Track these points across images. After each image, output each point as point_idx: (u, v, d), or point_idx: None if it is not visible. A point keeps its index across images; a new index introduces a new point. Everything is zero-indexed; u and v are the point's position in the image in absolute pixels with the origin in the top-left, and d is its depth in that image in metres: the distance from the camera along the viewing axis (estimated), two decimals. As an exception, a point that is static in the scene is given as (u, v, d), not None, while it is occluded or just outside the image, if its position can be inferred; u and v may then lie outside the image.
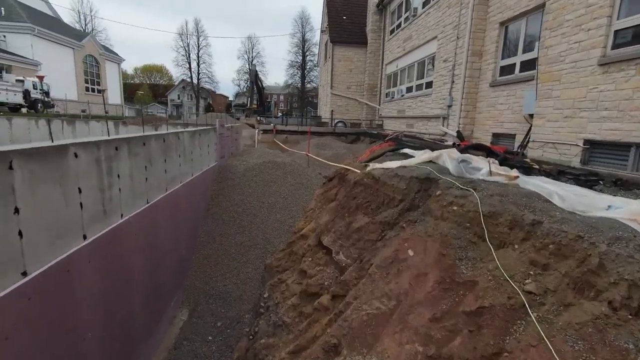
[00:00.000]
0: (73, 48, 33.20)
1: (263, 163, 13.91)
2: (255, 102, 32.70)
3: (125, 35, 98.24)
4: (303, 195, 12.37)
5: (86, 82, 35.60)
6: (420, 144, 8.29)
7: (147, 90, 69.81)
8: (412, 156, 6.03)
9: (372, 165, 5.79)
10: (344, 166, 7.08)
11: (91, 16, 52.13)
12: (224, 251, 10.45)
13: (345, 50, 20.25)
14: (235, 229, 11.12)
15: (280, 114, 43.90)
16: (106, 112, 41.22)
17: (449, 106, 10.51)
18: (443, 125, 10.95)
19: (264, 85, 33.32)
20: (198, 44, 61.55)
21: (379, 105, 19.08)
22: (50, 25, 30.93)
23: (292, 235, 7.30)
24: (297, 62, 57.15)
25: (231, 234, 10.96)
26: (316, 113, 34.76)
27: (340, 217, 5.26)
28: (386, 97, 18.16)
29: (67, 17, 50.92)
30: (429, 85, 12.45)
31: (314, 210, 6.97)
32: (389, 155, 7.13)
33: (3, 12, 27.88)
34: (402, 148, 7.47)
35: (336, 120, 19.95)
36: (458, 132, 9.71)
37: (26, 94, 23.55)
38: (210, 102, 71.04)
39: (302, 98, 55.47)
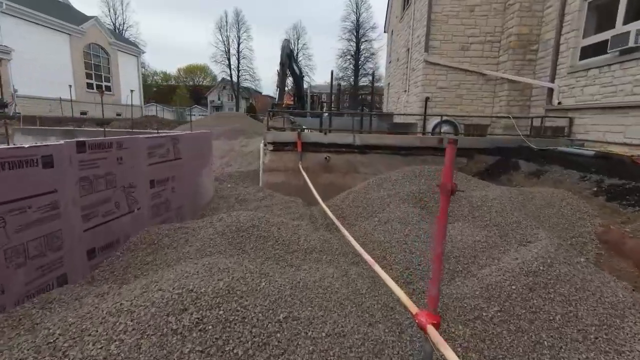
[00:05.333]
0: (69, 34, 26.38)
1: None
2: (291, 95, 22.93)
3: (171, 37, 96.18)
4: None
5: (89, 77, 28.82)
6: None
7: (185, 91, 64.64)
8: None
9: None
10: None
11: (122, 9, 47.06)
12: None
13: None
14: None
15: (325, 112, 33.70)
16: (118, 115, 34.75)
17: None
18: None
19: (302, 71, 23.36)
20: (238, 36, 54.34)
21: (553, 82, 7.92)
22: (36, 3, 24.20)
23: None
24: (349, 50, 46.86)
25: None
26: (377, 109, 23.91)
27: None
28: (583, 57, 7.05)
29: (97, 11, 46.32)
30: None
31: None
32: None
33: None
34: None
35: (435, 122, 9.14)
36: None
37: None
38: (253, 102, 63.85)
39: (354, 94, 44.92)
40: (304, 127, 10.22)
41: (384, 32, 17.87)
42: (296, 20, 65.63)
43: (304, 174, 7.43)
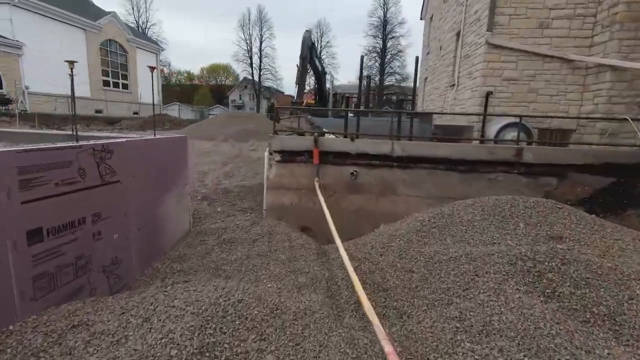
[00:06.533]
0: (85, 29, 25.54)
1: None
2: (312, 94, 21.01)
3: (196, 36, 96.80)
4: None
5: (105, 74, 27.97)
6: None
7: (207, 90, 64.18)
8: None
9: None
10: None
11: (146, 7, 46.73)
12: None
13: None
14: None
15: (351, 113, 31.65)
16: (135, 113, 33.89)
17: None
18: None
19: (324, 67, 21.24)
20: (261, 34, 53.09)
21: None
22: (52, -3, 23.35)
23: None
24: (375, 47, 44.33)
25: None
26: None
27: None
28: None
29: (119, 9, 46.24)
30: None
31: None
32: None
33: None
34: None
35: (500, 124, 6.72)
36: None
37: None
38: (275, 102, 62.49)
39: (380, 93, 42.31)
40: (324, 130, 8.08)
41: (420, 19, 15.42)
42: (320, 16, 63.49)
43: (320, 197, 5.28)
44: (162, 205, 3.89)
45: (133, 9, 45.85)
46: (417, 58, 7.20)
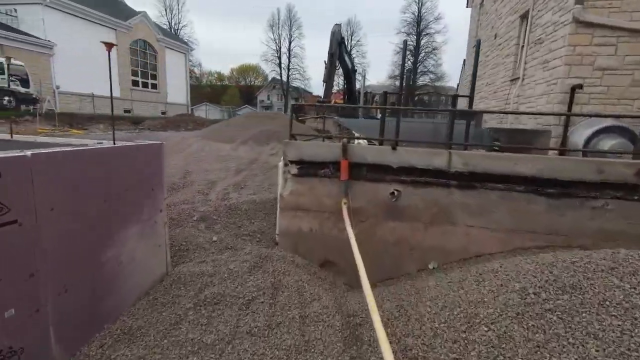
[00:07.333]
0: (115, 29, 25.60)
1: None
2: (341, 93, 19.73)
3: (228, 37, 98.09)
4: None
5: (134, 74, 28.01)
6: None
7: (236, 91, 64.44)
8: None
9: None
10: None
11: (178, 9, 47.29)
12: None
13: None
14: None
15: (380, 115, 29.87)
16: (163, 113, 33.95)
17: None
18: None
19: (354, 64, 19.71)
20: (290, 34, 52.38)
21: None
22: (83, -3, 23.47)
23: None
24: (408, 45, 42.06)
25: None
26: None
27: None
28: None
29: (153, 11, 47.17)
30: None
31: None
32: None
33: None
34: None
35: (594, 128, 4.96)
36: None
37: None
38: (303, 102, 61.57)
39: (412, 94, 40.05)
40: (355, 134, 6.65)
41: (467, 6, 13.54)
42: (350, 14, 61.85)
43: (348, 224, 3.88)
44: (114, 246, 2.61)
45: (166, 10, 46.55)
46: (478, 42, 5.56)
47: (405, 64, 6.71)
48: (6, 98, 15.62)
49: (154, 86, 30.38)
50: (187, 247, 3.83)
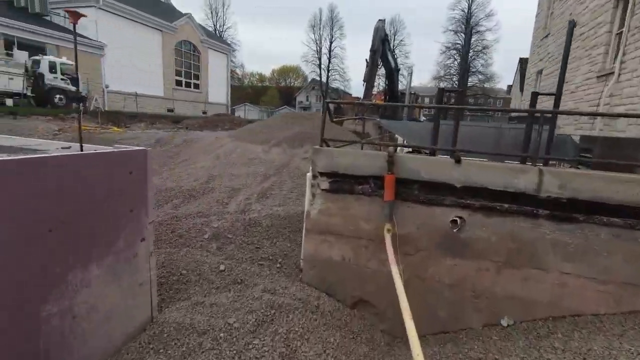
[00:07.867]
0: (161, 30, 26.38)
1: None
2: (382, 94, 18.80)
3: (270, 39, 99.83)
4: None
5: (178, 74, 28.75)
6: None
7: (276, 92, 65.07)
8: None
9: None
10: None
11: (223, 11, 48.52)
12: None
13: None
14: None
15: (423, 118, 28.05)
16: (204, 113, 34.65)
17: None
18: None
19: (397, 63, 18.41)
20: (331, 34, 51.84)
21: None
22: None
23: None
24: (455, 44, 39.72)
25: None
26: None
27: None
28: None
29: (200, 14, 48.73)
30: None
31: None
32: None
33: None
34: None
35: None
36: None
37: (39, 79, 15.99)
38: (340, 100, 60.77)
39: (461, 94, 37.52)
40: (402, 141, 5.63)
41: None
42: (394, 13, 60.01)
43: (391, 256, 2.92)
44: (64, 295, 1.85)
45: (212, 12, 47.93)
46: (572, 23, 4.26)
47: (452, 65, 5.53)
48: (57, 96, 16.34)
49: (196, 86, 31.05)
50: (188, 277, 3.06)
